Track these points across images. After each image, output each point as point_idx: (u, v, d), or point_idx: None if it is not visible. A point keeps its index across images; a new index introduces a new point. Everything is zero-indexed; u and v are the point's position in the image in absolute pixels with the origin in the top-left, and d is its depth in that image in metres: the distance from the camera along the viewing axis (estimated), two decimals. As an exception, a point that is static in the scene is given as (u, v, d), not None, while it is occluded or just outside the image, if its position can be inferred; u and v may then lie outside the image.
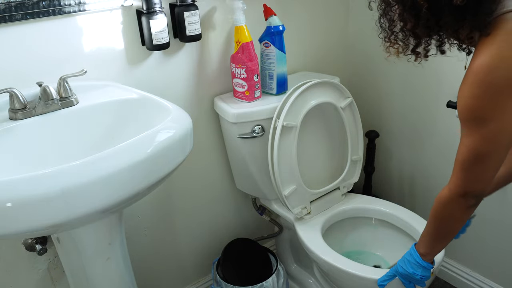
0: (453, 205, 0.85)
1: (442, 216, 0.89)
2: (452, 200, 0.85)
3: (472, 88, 0.72)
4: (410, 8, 0.73)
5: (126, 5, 1.09)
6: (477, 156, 0.77)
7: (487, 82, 0.70)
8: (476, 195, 0.83)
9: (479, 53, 0.72)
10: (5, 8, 0.93)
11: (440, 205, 0.88)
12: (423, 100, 1.48)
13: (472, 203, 0.84)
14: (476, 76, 0.71)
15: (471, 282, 1.52)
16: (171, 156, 0.85)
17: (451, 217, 0.88)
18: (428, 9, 0.71)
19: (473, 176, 0.81)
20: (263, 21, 1.27)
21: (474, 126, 0.75)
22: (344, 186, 1.42)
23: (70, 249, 0.98)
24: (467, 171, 0.80)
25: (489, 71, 0.70)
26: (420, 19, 0.73)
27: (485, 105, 0.72)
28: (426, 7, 0.71)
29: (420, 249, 0.97)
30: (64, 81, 0.96)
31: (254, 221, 1.61)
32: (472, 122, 0.75)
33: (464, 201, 0.84)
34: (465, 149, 0.78)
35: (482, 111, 0.73)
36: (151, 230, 1.37)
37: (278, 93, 1.31)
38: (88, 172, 0.72)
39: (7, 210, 0.68)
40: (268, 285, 1.30)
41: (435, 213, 0.90)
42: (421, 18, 0.73)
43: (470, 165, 0.79)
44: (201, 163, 1.39)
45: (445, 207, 0.87)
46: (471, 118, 0.75)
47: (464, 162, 0.80)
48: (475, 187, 0.82)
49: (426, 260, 0.96)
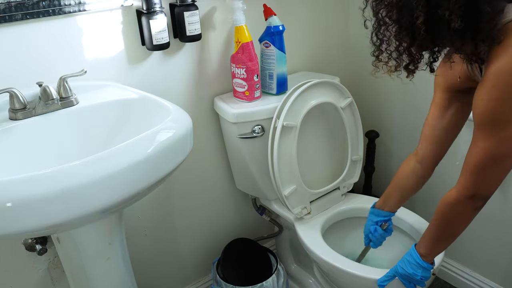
0: (460, 207, 0.85)
1: (448, 218, 0.89)
2: (459, 202, 0.85)
3: (493, 91, 0.72)
4: (406, 29, 0.72)
5: (126, 5, 1.09)
6: (492, 159, 0.77)
7: (509, 84, 0.70)
8: (484, 197, 0.83)
9: (496, 58, 0.71)
10: (5, 8, 0.93)
11: (446, 207, 0.88)
12: (423, 100, 1.48)
13: (479, 205, 0.84)
14: (497, 79, 0.71)
15: (471, 282, 1.52)
16: (171, 156, 0.85)
17: (457, 219, 0.88)
18: (426, 31, 0.71)
19: (485, 179, 0.81)
20: (263, 21, 1.27)
21: (492, 129, 0.75)
22: (344, 186, 1.42)
23: (70, 249, 0.98)
24: (479, 174, 0.80)
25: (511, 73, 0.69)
26: (416, 39, 0.73)
27: (506, 108, 0.72)
28: (424, 29, 0.70)
29: (421, 250, 0.97)
30: (64, 81, 0.96)
31: (254, 221, 1.61)
32: (490, 125, 0.75)
33: (472, 203, 0.84)
34: (479, 152, 0.78)
35: (503, 114, 0.73)
36: (151, 230, 1.37)
37: (278, 93, 1.31)
38: (88, 172, 0.72)
39: (7, 210, 0.68)
40: (268, 285, 1.30)
41: (441, 215, 0.90)
42: (417, 39, 0.72)
43: (484, 168, 0.79)
44: (201, 163, 1.39)
45: (452, 209, 0.87)
46: (490, 121, 0.75)
47: (477, 165, 0.79)
48: (485, 190, 0.82)
49: (426, 260, 0.96)
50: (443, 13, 0.67)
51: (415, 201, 1.63)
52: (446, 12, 0.67)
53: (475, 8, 0.67)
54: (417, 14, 0.69)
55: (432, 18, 0.69)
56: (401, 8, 0.71)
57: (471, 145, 0.80)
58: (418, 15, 0.69)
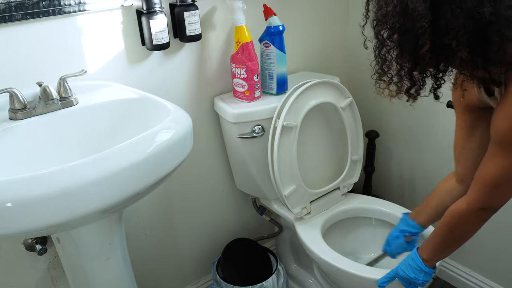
0: (470, 218, 0.85)
1: (456, 227, 0.89)
2: (469, 214, 0.85)
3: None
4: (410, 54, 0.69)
5: (126, 5, 1.09)
6: (508, 177, 0.77)
7: None
8: (495, 210, 0.83)
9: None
10: (5, 8, 0.93)
11: (454, 218, 0.88)
12: (423, 100, 1.48)
13: (489, 216, 0.84)
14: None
15: (471, 282, 1.52)
16: (171, 156, 0.85)
17: (464, 229, 0.88)
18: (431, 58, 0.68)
19: (498, 194, 0.81)
20: (263, 21, 1.27)
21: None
22: (344, 186, 1.42)
23: (70, 249, 0.98)
24: (493, 189, 0.80)
25: None
26: (418, 64, 0.70)
27: None
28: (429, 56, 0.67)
29: (424, 255, 0.96)
30: (64, 81, 0.96)
31: (254, 221, 1.61)
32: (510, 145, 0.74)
33: (482, 214, 0.84)
34: (495, 169, 0.77)
35: None
36: (151, 230, 1.37)
37: (278, 93, 1.31)
38: (88, 172, 0.72)
39: (7, 210, 0.68)
40: (268, 285, 1.30)
41: (448, 225, 0.90)
42: (419, 64, 0.69)
43: (499, 184, 0.79)
44: (201, 163, 1.39)
45: (461, 220, 0.87)
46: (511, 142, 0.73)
47: (493, 181, 0.79)
48: (496, 203, 0.82)
49: (428, 265, 0.96)
50: (450, 42, 0.64)
51: (415, 201, 1.63)
52: (453, 41, 0.64)
53: (484, 38, 0.64)
54: (422, 42, 0.66)
55: (438, 46, 0.66)
56: (404, 33, 0.67)
57: (486, 159, 0.79)
58: (424, 42, 0.66)
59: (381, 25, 0.70)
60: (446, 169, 1.25)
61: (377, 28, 0.71)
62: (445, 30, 0.64)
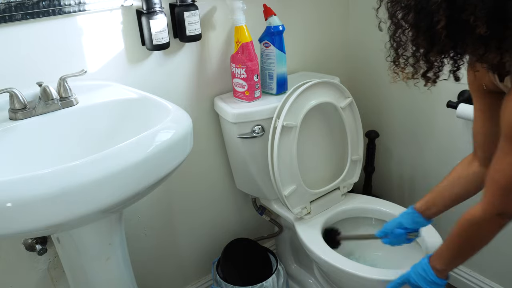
0: (487, 225, 0.81)
1: (472, 235, 0.85)
2: (486, 220, 0.81)
3: None
4: (424, 33, 0.66)
5: (126, 5, 1.09)
6: None
7: None
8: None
9: None
10: (5, 8, 0.93)
11: (470, 225, 0.84)
12: (423, 100, 1.48)
13: (506, 222, 0.80)
14: None
15: (471, 282, 1.52)
16: (171, 156, 0.85)
17: (481, 237, 0.84)
18: (446, 36, 0.65)
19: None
20: (263, 21, 1.27)
21: None
22: (344, 186, 1.42)
23: (70, 249, 0.98)
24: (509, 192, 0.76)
25: None
26: (434, 45, 0.67)
27: None
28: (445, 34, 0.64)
29: (437, 265, 0.92)
30: (64, 81, 0.96)
31: (254, 221, 1.61)
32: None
33: (500, 220, 0.79)
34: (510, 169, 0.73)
35: None
36: (151, 230, 1.37)
37: (278, 93, 1.31)
38: (88, 172, 0.72)
39: (7, 210, 0.68)
40: (268, 285, 1.30)
41: (464, 233, 0.86)
42: (435, 44, 0.66)
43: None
44: (201, 163, 1.39)
45: (476, 227, 0.83)
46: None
47: (508, 183, 0.75)
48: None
49: (441, 276, 0.93)
50: (468, 18, 0.62)
51: (415, 201, 1.62)
52: (471, 17, 0.61)
53: (503, 14, 0.61)
54: (437, 18, 0.63)
55: (454, 23, 0.63)
56: (419, 11, 0.65)
57: (498, 160, 0.75)
58: (439, 19, 0.63)
59: (395, 5, 0.69)
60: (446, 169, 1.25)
61: (391, 9, 0.70)
62: (462, 6, 0.62)
